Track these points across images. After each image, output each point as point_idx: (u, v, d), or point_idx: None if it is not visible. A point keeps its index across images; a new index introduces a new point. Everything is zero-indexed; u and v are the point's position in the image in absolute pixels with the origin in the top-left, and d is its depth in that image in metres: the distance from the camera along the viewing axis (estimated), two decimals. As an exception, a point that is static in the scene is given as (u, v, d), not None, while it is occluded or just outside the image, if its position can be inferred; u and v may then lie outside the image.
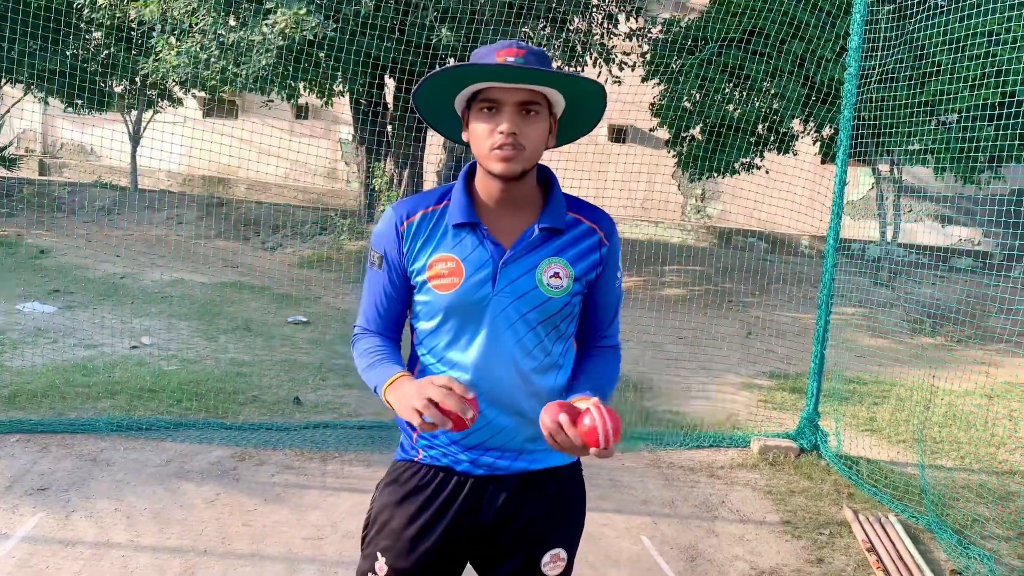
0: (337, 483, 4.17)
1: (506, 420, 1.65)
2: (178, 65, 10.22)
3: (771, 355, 8.25)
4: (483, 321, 1.62)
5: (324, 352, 7.05)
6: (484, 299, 1.61)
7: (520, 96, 1.57)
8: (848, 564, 3.68)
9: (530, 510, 1.70)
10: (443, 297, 1.62)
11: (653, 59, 11.92)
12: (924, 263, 13.17)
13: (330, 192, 19.41)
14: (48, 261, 10.81)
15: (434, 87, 1.63)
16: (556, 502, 1.74)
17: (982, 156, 9.97)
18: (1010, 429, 6.02)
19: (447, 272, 1.62)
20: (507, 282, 1.62)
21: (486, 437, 1.65)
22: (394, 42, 9.84)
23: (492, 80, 1.56)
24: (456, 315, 1.63)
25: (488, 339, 1.62)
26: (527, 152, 1.58)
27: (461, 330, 1.63)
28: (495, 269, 1.62)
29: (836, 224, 5.08)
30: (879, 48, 5.57)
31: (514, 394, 1.64)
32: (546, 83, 1.58)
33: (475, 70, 1.55)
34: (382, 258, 1.68)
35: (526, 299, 1.62)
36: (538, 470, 1.72)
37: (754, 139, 12.12)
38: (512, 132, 1.55)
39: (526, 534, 1.70)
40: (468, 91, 1.62)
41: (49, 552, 3.26)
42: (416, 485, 1.69)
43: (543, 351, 1.66)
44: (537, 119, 1.59)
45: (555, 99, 1.63)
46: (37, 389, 5.23)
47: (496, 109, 1.58)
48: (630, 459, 4.89)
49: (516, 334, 1.62)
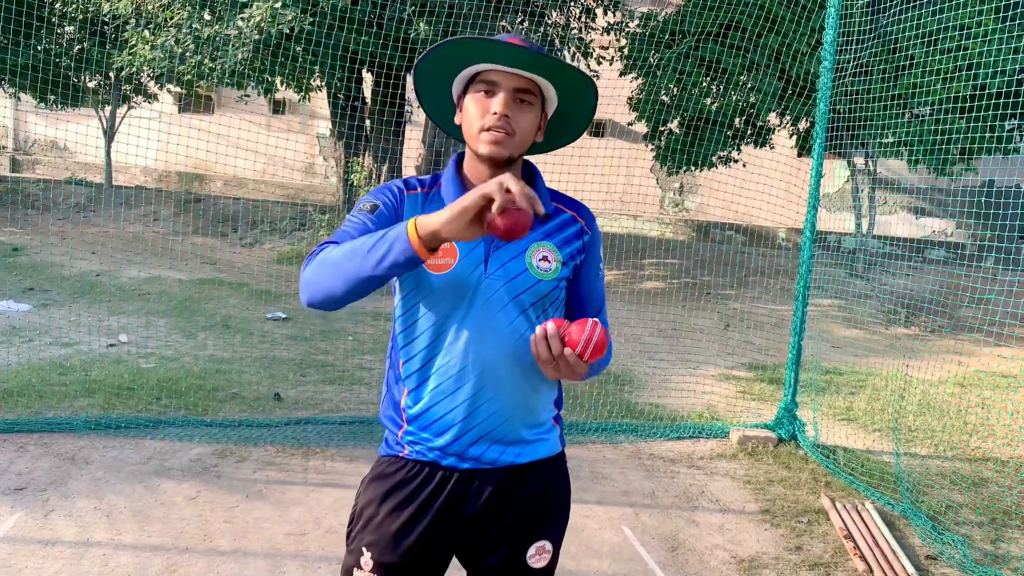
0: (319, 479, 4.17)
1: (495, 405, 1.66)
2: (153, 59, 10.11)
3: (749, 346, 8.34)
4: (474, 303, 1.63)
5: (304, 348, 7.03)
6: (476, 281, 1.63)
7: (517, 82, 1.61)
8: (826, 551, 3.74)
9: (516, 503, 1.71)
10: (438, 278, 1.62)
11: (631, 53, 11.98)
12: (898, 254, 13.35)
13: (308, 187, 19.30)
14: (22, 259, 10.67)
15: (435, 63, 1.66)
16: (541, 494, 1.75)
17: (954, 148, 10.12)
18: (982, 417, 6.13)
19: (441, 252, 1.63)
20: (498, 265, 1.64)
21: (477, 421, 1.66)
22: (372, 36, 9.79)
23: (492, 61, 1.60)
24: (449, 297, 1.63)
25: (480, 322, 1.63)
26: (516, 139, 1.61)
27: (453, 312, 1.64)
28: (487, 251, 1.65)
29: (812, 216, 5.14)
30: (854, 42, 5.63)
31: (506, 378, 1.65)
32: (542, 71, 1.61)
33: (479, 45, 1.58)
34: (377, 206, 1.66)
35: (517, 281, 1.64)
36: (524, 463, 1.73)
37: (731, 132, 12.21)
38: (505, 114, 1.59)
39: (512, 527, 1.71)
40: (467, 73, 1.66)
41: (28, 552, 3.24)
42: (401, 479, 1.70)
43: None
44: (530, 109, 1.64)
45: (549, 95, 1.68)
46: (13, 388, 5.17)
47: (492, 92, 1.62)
48: (611, 451, 4.93)
49: (508, 316, 1.64)
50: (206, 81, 10.44)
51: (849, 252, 12.70)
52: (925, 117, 10.29)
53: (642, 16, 12.34)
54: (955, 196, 11.22)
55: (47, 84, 13.74)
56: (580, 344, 1.49)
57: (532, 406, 1.71)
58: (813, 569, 3.56)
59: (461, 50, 1.61)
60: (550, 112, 1.72)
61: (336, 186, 14.82)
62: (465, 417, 1.65)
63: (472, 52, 1.61)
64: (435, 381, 1.66)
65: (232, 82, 10.30)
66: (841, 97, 5.84)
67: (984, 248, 12.82)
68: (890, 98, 8.21)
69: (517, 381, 1.67)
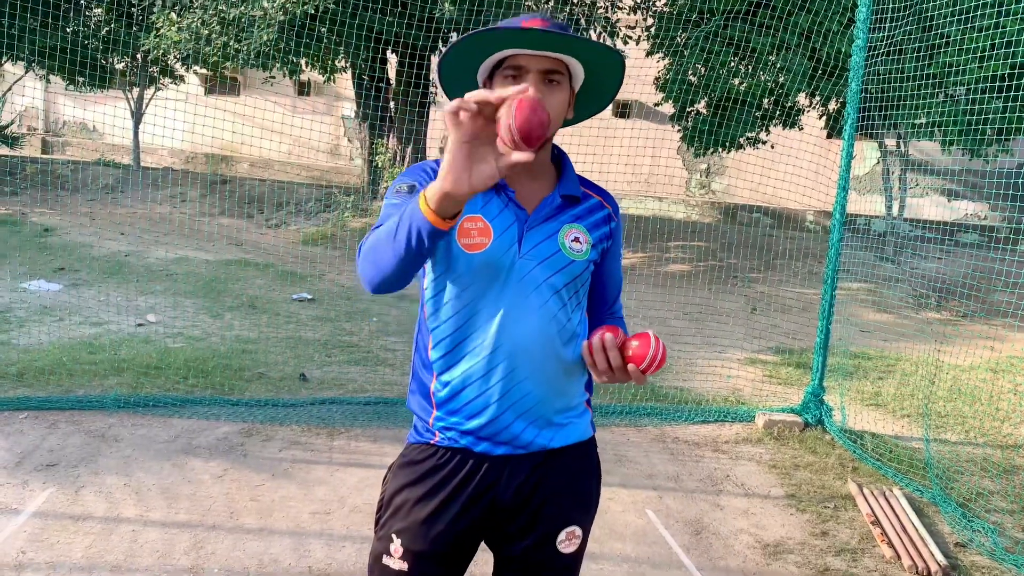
0: (344, 458, 4.20)
1: (530, 385, 1.64)
2: (179, 41, 10.16)
3: (776, 330, 8.25)
4: (509, 283, 1.62)
5: (329, 329, 7.07)
6: (511, 261, 1.62)
7: (544, 64, 1.59)
8: (852, 537, 3.70)
9: (547, 488, 1.70)
10: (472, 257, 1.61)
11: (658, 32, 11.82)
12: (930, 238, 13.12)
13: (333, 169, 19.37)
14: (53, 239, 10.83)
15: (460, 55, 1.64)
16: (573, 480, 1.74)
17: (990, 129, 9.89)
18: (1015, 403, 6.02)
19: (476, 232, 1.62)
20: (532, 245, 1.63)
21: (512, 402, 1.64)
22: (396, 16, 9.76)
23: (518, 46, 1.58)
24: (483, 277, 1.62)
25: (514, 302, 1.62)
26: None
27: (487, 293, 1.63)
28: (521, 232, 1.64)
29: (843, 199, 5.05)
30: (887, 20, 5.50)
31: (539, 358, 1.64)
32: (569, 51, 1.60)
33: (503, 33, 1.56)
34: (414, 186, 1.64)
35: (550, 262, 1.63)
36: (556, 448, 1.71)
37: (759, 113, 12.04)
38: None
39: (542, 512, 1.70)
40: (492, 60, 1.64)
41: (59, 527, 3.29)
42: (432, 466, 1.68)
43: (565, 316, 1.67)
44: (559, 88, 1.62)
45: (575, 71, 1.66)
46: (44, 366, 5.26)
47: (520, 77, 1.60)
48: (635, 434, 4.91)
49: (541, 296, 1.63)
50: (232, 63, 10.48)
51: (879, 235, 12.50)
52: (960, 97, 10.06)
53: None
54: (990, 178, 10.98)
55: (76, 66, 13.87)
56: (646, 361, 1.50)
57: (564, 388, 1.70)
58: (839, 555, 3.53)
59: (485, 40, 1.59)
60: (577, 87, 1.70)
61: (361, 167, 14.86)
62: (500, 397, 1.64)
63: (496, 40, 1.59)
64: (467, 363, 1.64)
65: (258, 63, 10.33)
66: (873, 77, 5.72)
67: (1019, 232, 12.56)
68: (924, 78, 8.02)
69: (550, 362, 1.65)
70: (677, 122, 12.83)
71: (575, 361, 1.68)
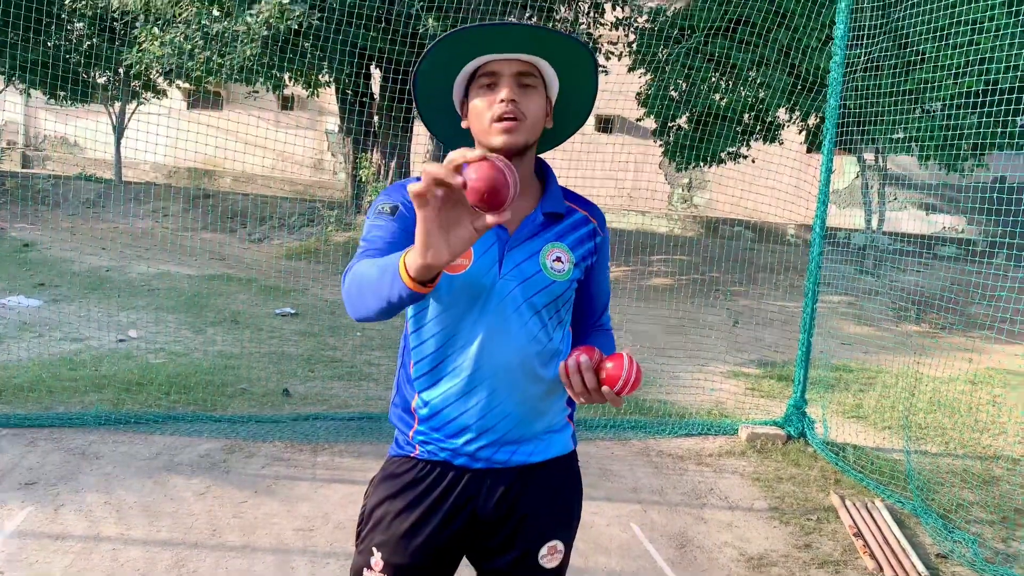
0: (327, 474, 4.18)
1: (510, 407, 1.64)
2: (162, 56, 10.14)
3: (758, 343, 8.31)
4: (489, 304, 1.61)
5: (313, 343, 7.04)
6: (491, 282, 1.61)
7: (517, 67, 1.59)
8: (835, 549, 3.73)
9: (528, 503, 1.70)
10: (453, 279, 1.60)
11: (639, 49, 11.93)
12: (909, 251, 13.28)
13: (316, 183, 19.33)
14: (33, 254, 10.73)
15: (434, 66, 1.63)
16: (554, 494, 1.74)
17: (965, 144, 10.04)
18: (993, 415, 6.09)
19: None
20: (512, 265, 1.62)
21: (491, 424, 1.64)
22: (380, 32, 9.79)
23: (489, 49, 1.58)
24: (463, 298, 1.61)
25: (494, 322, 1.61)
26: (528, 123, 1.59)
27: (467, 314, 1.62)
28: (501, 252, 1.62)
29: (822, 212, 5.11)
30: (864, 37, 5.59)
31: (519, 379, 1.64)
32: (539, 50, 1.60)
33: (472, 34, 1.56)
34: (397, 208, 1.62)
35: (531, 282, 1.62)
36: (536, 463, 1.71)
37: (740, 128, 12.16)
38: (512, 99, 1.57)
39: (524, 527, 1.69)
40: (466, 72, 1.64)
41: (39, 546, 3.25)
42: (412, 479, 1.68)
43: (546, 336, 1.66)
44: (535, 92, 1.62)
45: (549, 77, 1.65)
46: (23, 383, 5.20)
47: (495, 83, 1.60)
48: (619, 447, 4.92)
49: (521, 317, 1.62)
50: (215, 77, 10.46)
51: (859, 248, 12.63)
52: (936, 113, 10.21)
53: (651, 11, 12.29)
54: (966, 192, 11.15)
55: (57, 80, 13.79)
56: (620, 383, 1.48)
57: (544, 408, 1.70)
58: (822, 567, 3.55)
59: (453, 48, 1.59)
60: (553, 96, 1.69)
61: (345, 182, 14.85)
62: (478, 420, 1.64)
63: (464, 48, 1.59)
64: (447, 383, 1.64)
65: (241, 78, 10.32)
66: (851, 93, 5.80)
67: (995, 245, 12.73)
68: (900, 93, 8.14)
69: (530, 383, 1.65)
70: (659, 137, 12.94)
71: (556, 380, 1.67)
